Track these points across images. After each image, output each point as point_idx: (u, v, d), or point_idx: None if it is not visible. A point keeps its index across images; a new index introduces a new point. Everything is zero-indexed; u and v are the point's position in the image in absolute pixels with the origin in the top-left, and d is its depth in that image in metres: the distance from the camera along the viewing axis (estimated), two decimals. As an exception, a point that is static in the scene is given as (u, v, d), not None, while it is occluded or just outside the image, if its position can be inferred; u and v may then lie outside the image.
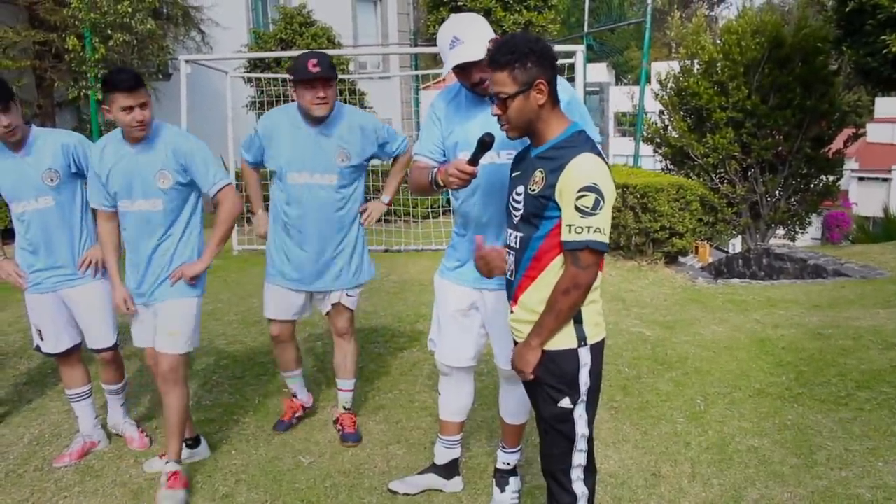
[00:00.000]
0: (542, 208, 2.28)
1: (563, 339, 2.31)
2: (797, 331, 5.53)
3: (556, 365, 2.32)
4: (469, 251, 2.97)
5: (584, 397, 2.33)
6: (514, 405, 3.16)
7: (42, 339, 3.65)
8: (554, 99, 2.31)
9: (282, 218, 3.67)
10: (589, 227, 2.17)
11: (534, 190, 2.29)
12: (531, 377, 2.35)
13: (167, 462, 3.33)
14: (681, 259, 8.55)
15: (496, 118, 2.34)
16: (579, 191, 2.17)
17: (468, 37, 2.72)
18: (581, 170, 2.19)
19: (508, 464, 3.26)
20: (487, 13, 12.02)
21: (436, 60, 17.11)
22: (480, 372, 3.28)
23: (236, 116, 10.08)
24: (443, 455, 3.34)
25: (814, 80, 10.90)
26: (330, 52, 11.63)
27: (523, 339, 2.36)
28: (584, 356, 2.32)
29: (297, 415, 4.03)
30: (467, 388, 3.26)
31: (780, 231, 12.25)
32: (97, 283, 3.59)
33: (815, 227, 16.29)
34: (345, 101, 11.56)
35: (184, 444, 3.49)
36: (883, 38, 7.57)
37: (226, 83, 10.09)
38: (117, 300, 3.43)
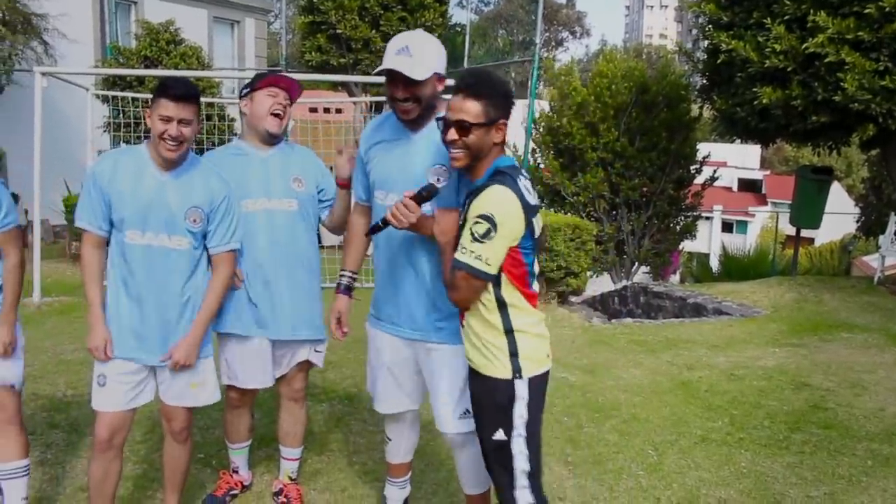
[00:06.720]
0: None
1: (499, 369, 2.32)
2: (711, 372, 5.63)
3: (490, 395, 2.34)
4: (388, 298, 2.82)
5: (520, 430, 2.29)
6: (472, 472, 2.84)
7: None
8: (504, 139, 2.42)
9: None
10: (472, 252, 2.23)
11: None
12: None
13: None
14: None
15: (444, 145, 2.36)
16: (477, 216, 2.24)
17: (420, 56, 2.56)
18: (486, 198, 2.25)
19: None
20: (366, 43, 11.77)
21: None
22: (424, 425, 3.18)
23: (85, 139, 9.15)
24: (396, 496, 3.19)
25: (677, 125, 11.54)
26: (200, 73, 10.94)
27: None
28: (521, 388, 2.30)
29: (232, 492, 3.48)
30: (414, 428, 3.12)
31: (644, 269, 12.79)
32: None
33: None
34: (213, 127, 10.85)
35: None
36: (754, 90, 8.02)
37: (86, 101, 9.12)
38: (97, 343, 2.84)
